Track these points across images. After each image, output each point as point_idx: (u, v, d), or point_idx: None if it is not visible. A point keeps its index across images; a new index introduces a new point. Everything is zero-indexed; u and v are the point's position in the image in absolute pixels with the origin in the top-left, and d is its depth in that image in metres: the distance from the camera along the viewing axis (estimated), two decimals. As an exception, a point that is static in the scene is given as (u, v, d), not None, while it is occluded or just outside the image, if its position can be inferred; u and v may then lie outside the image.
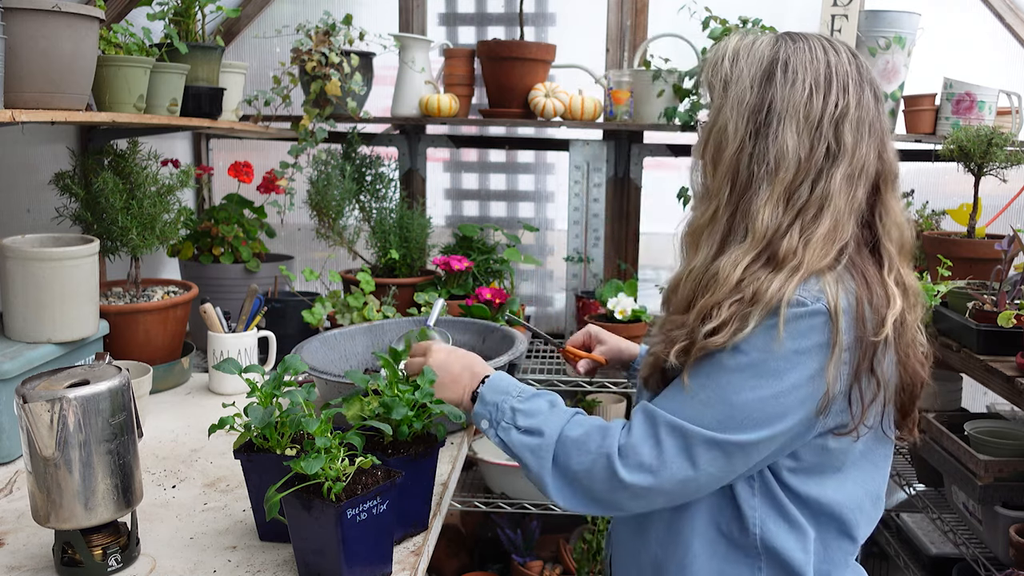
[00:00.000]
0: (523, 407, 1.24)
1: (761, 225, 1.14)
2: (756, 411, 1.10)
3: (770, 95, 1.15)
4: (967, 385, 2.47)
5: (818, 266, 1.12)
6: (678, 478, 1.13)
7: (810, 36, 1.19)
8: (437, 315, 1.85)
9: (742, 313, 1.11)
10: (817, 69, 1.15)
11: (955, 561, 2.22)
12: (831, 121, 1.15)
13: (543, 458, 1.19)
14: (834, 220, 1.14)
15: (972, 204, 2.28)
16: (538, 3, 2.87)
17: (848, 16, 2.50)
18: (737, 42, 1.21)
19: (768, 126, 1.15)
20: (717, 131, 1.20)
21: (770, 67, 1.16)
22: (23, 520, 1.29)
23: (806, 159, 1.14)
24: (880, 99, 1.20)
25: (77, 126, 2.14)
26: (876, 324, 1.11)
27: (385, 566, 1.16)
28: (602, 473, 1.15)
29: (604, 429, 1.18)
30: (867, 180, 1.19)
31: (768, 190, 1.14)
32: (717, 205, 1.19)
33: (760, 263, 1.14)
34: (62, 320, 1.62)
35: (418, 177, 2.89)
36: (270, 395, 1.23)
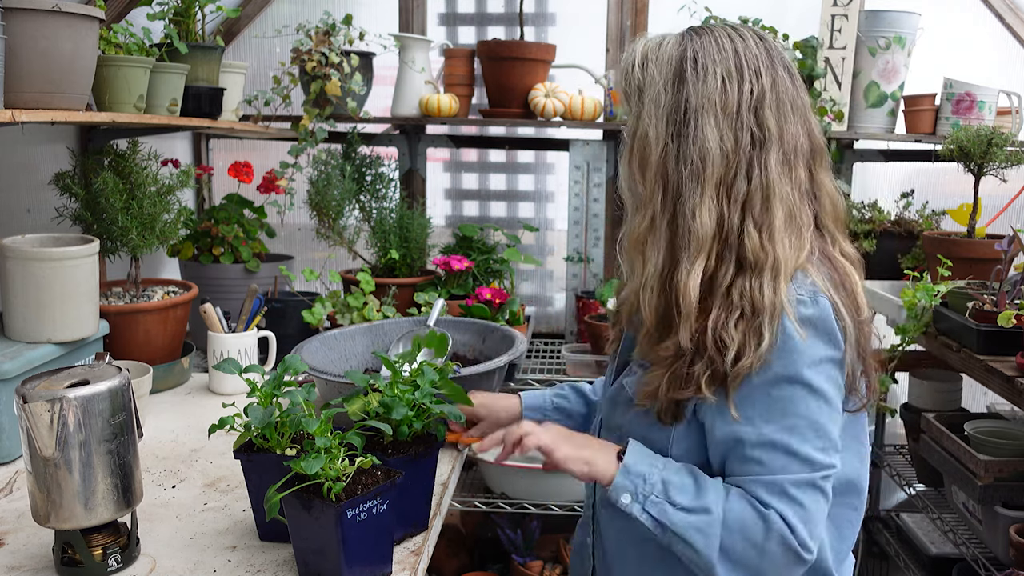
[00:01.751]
0: (679, 481, 1.14)
1: (700, 227, 1.13)
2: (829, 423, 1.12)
3: (684, 94, 1.15)
4: (967, 385, 2.47)
5: (798, 261, 1.13)
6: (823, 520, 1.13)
7: (715, 28, 1.18)
8: (437, 315, 1.85)
9: (753, 328, 1.10)
10: (726, 59, 1.15)
11: (955, 561, 2.22)
12: (749, 108, 1.14)
13: (713, 537, 1.10)
14: (786, 208, 1.13)
15: (972, 204, 2.28)
16: (538, 3, 2.87)
17: (848, 16, 2.50)
18: (644, 46, 1.20)
19: (687, 125, 1.14)
20: (640, 139, 1.19)
21: (680, 66, 1.16)
22: (23, 520, 1.29)
23: (733, 151, 1.13)
24: (795, 76, 1.19)
25: (77, 126, 2.14)
26: (854, 303, 1.15)
27: (385, 566, 1.16)
28: (777, 554, 1.09)
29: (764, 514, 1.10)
30: (803, 159, 1.17)
31: (698, 190, 1.13)
32: (653, 212, 1.17)
33: (731, 268, 1.13)
34: (62, 320, 1.62)
35: (418, 177, 2.89)
36: (270, 395, 1.23)
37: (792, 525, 1.08)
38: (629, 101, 1.22)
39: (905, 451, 2.58)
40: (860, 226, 2.59)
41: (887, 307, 2.29)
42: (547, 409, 1.51)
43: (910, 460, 2.50)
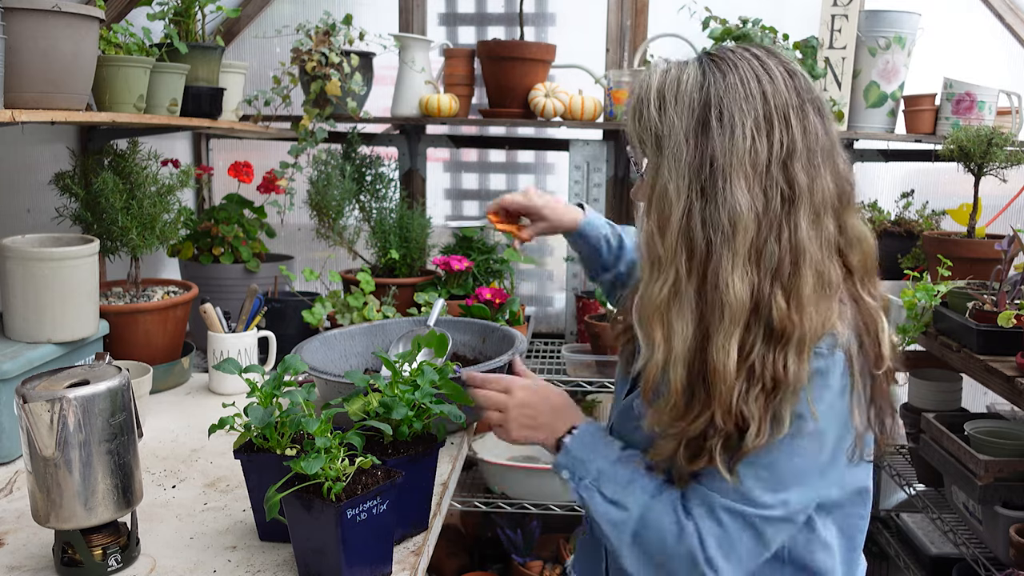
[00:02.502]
0: (613, 473, 1.16)
1: (736, 298, 1.02)
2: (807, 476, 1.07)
3: (709, 147, 1.04)
4: (967, 385, 2.47)
5: (825, 329, 1.04)
6: (756, 559, 1.10)
7: (739, 61, 1.07)
8: (437, 315, 1.85)
9: (772, 405, 1.03)
10: (755, 108, 1.04)
11: (955, 561, 2.22)
12: (779, 163, 1.04)
13: (623, 531, 1.13)
14: (815, 272, 1.03)
15: (972, 204, 2.28)
16: (538, 3, 2.87)
17: (848, 16, 2.50)
18: (660, 82, 1.09)
19: (715, 184, 1.03)
20: (659, 194, 1.07)
21: (703, 114, 1.05)
22: (23, 520, 1.29)
23: (763, 212, 1.03)
24: (825, 114, 1.09)
25: (77, 126, 2.14)
26: (876, 352, 1.08)
27: (385, 566, 1.16)
28: (682, 562, 1.09)
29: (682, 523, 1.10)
30: (832, 209, 1.08)
31: (730, 256, 1.03)
32: (676, 276, 1.06)
33: (759, 338, 1.04)
34: (62, 320, 1.62)
35: (418, 177, 2.89)
36: (270, 395, 1.23)
37: (704, 541, 1.07)
38: (643, 145, 1.11)
39: (905, 451, 2.58)
40: (860, 226, 2.59)
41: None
42: (591, 242, 1.59)
43: (910, 460, 2.50)
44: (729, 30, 2.46)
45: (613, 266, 1.61)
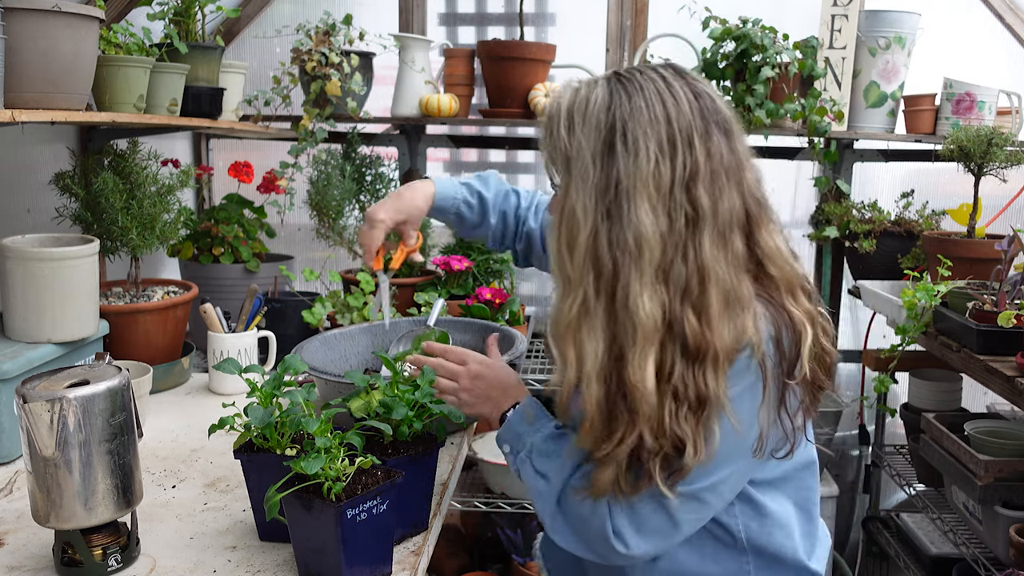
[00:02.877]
0: (543, 447, 1.21)
1: (646, 316, 1.03)
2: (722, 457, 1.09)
3: (615, 169, 1.05)
4: (967, 385, 2.48)
5: (740, 345, 1.05)
6: (664, 536, 1.13)
7: (645, 83, 1.08)
8: (437, 315, 1.85)
9: (703, 421, 1.05)
10: (659, 131, 1.05)
11: (955, 561, 2.22)
12: (682, 186, 1.05)
13: (547, 500, 1.18)
14: (722, 291, 1.05)
15: (972, 204, 2.28)
16: (538, 3, 2.87)
17: (848, 16, 2.51)
18: (570, 102, 1.10)
19: (619, 205, 1.05)
20: (567, 214, 1.09)
21: (609, 136, 1.06)
22: (23, 520, 1.29)
23: (668, 234, 1.04)
24: (731, 133, 1.10)
25: (77, 126, 2.14)
26: (794, 357, 1.09)
27: (385, 566, 1.16)
28: (595, 531, 1.13)
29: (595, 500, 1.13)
30: (739, 229, 1.09)
31: (638, 275, 1.04)
32: (585, 296, 1.07)
33: (678, 357, 1.05)
34: (62, 320, 1.62)
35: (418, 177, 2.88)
36: (270, 395, 1.23)
37: (613, 515, 1.11)
38: (554, 165, 1.12)
39: (905, 451, 2.58)
40: (860, 226, 2.59)
41: (887, 307, 2.30)
42: (451, 212, 1.58)
43: (910, 460, 2.50)
44: (729, 30, 2.46)
45: (481, 224, 1.61)
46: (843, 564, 2.77)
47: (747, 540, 1.19)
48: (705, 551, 1.20)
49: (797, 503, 1.23)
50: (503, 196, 1.61)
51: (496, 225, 1.61)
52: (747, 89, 2.45)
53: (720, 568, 1.20)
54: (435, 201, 1.55)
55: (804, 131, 2.52)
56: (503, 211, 1.61)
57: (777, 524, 1.20)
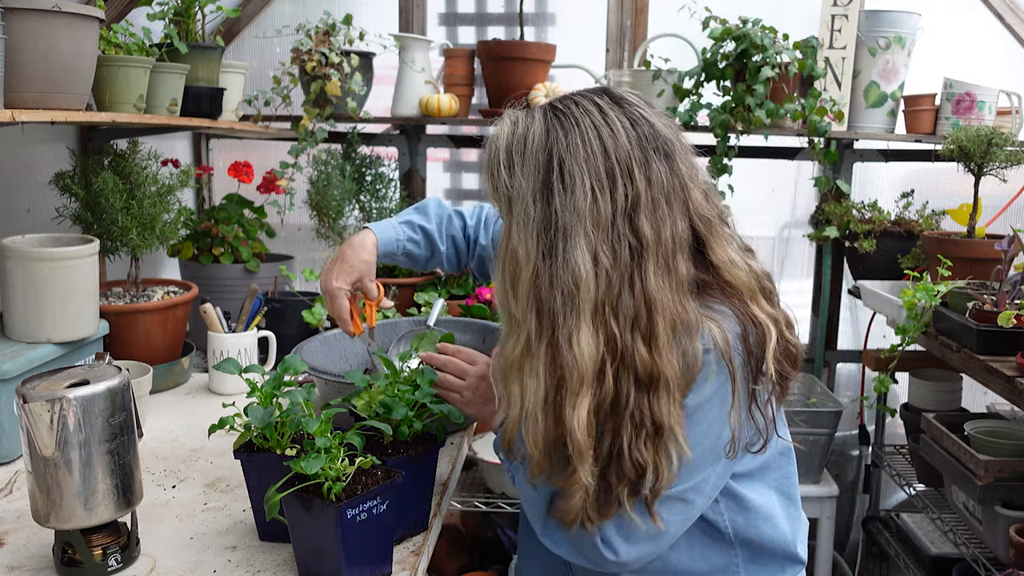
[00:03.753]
0: None
1: (580, 357, 1.03)
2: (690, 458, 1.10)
3: (552, 208, 1.05)
4: (967, 385, 2.47)
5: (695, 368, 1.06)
6: (653, 541, 1.13)
7: (581, 117, 1.07)
8: (437, 315, 1.85)
9: (661, 447, 1.06)
10: (596, 166, 1.05)
11: (955, 561, 2.22)
12: (624, 217, 1.05)
13: (537, 509, 1.18)
14: (669, 319, 1.05)
15: (972, 204, 2.28)
16: (538, 3, 2.87)
17: (848, 16, 2.50)
18: (508, 139, 1.11)
19: (559, 245, 1.04)
20: (510, 256, 1.09)
21: (547, 176, 1.06)
22: (23, 520, 1.29)
23: (612, 267, 1.04)
24: (672, 154, 1.09)
25: (77, 126, 2.14)
26: (760, 357, 1.10)
27: (385, 566, 1.16)
28: (586, 540, 1.13)
29: None
30: (686, 251, 1.09)
31: (574, 316, 1.03)
32: (527, 336, 1.07)
33: (631, 387, 1.05)
34: (62, 320, 1.62)
35: (418, 177, 2.89)
36: (270, 395, 1.23)
37: (601, 524, 1.11)
38: (498, 206, 1.13)
39: (905, 451, 2.58)
40: (860, 226, 2.59)
41: (887, 307, 2.30)
42: (398, 254, 1.58)
43: (910, 460, 2.50)
44: (729, 30, 2.46)
45: (432, 254, 1.62)
46: (843, 564, 2.77)
47: (734, 534, 1.21)
48: (694, 548, 1.21)
49: (779, 490, 1.25)
50: (447, 221, 1.62)
51: (447, 250, 1.62)
52: (747, 89, 2.45)
53: (709, 564, 1.22)
54: (379, 249, 1.55)
55: (804, 131, 2.52)
56: (451, 235, 1.62)
57: (762, 516, 1.21)
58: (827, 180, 2.69)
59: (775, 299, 1.17)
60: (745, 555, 1.22)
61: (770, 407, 1.15)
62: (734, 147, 2.52)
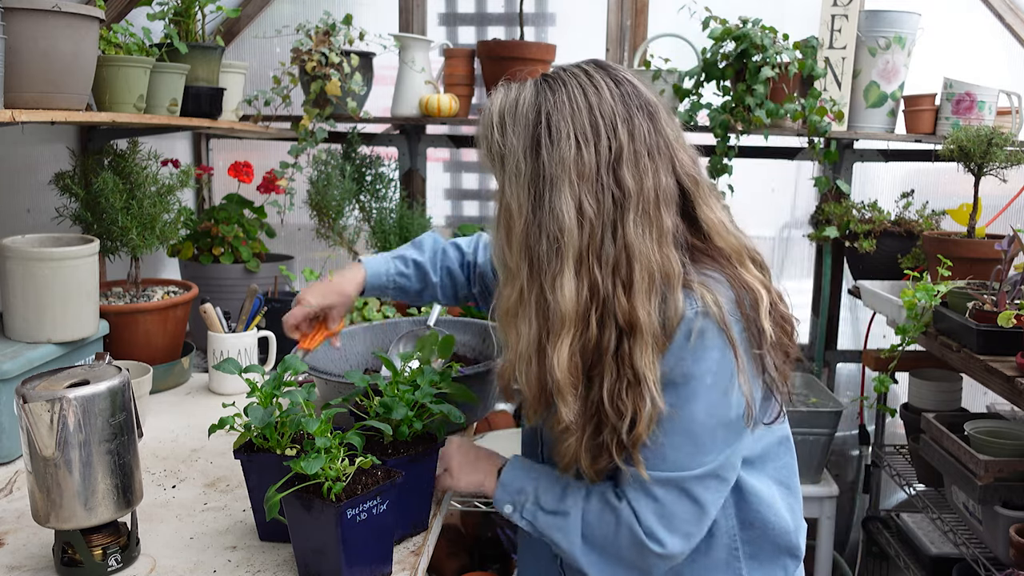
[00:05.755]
0: (550, 486, 1.22)
1: (563, 301, 1.09)
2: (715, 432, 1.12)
3: (541, 161, 1.11)
4: (967, 385, 2.47)
5: (677, 317, 1.09)
6: (695, 524, 1.15)
7: (569, 79, 1.14)
8: (437, 315, 1.85)
9: (640, 394, 1.09)
10: (581, 119, 1.10)
11: (955, 561, 2.22)
12: (608, 168, 1.10)
13: (572, 535, 1.18)
14: (646, 268, 1.09)
15: (972, 204, 2.28)
16: (538, 3, 2.87)
17: (848, 16, 2.50)
18: (501, 105, 1.17)
19: (546, 195, 1.10)
20: (504, 210, 1.15)
21: (536, 131, 1.12)
22: (23, 520, 1.29)
23: (596, 215, 1.09)
24: (656, 115, 1.14)
25: (77, 126, 2.14)
26: (758, 327, 1.12)
27: (385, 566, 1.16)
28: (627, 543, 1.15)
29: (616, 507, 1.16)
30: (671, 205, 1.13)
31: (558, 262, 1.10)
32: (521, 286, 1.14)
33: (613, 333, 1.10)
34: (62, 320, 1.62)
35: (418, 177, 2.89)
36: (270, 395, 1.23)
37: (640, 516, 1.13)
38: (492, 167, 1.19)
39: (905, 451, 2.58)
40: (860, 226, 2.59)
41: (887, 307, 2.30)
42: (389, 288, 1.59)
43: (910, 460, 2.50)
44: (729, 30, 2.46)
45: (425, 287, 1.62)
46: (843, 564, 2.77)
47: (737, 521, 1.22)
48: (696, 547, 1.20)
49: (778, 480, 1.26)
50: (441, 254, 1.62)
51: (443, 281, 1.61)
52: (747, 89, 2.45)
53: (711, 560, 1.22)
54: (367, 284, 1.56)
55: (804, 131, 2.52)
56: (446, 267, 1.61)
57: (764, 502, 1.22)
58: (827, 180, 2.69)
59: (766, 269, 1.21)
60: (747, 550, 1.23)
61: (779, 379, 1.16)
62: (734, 147, 2.52)
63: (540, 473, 1.25)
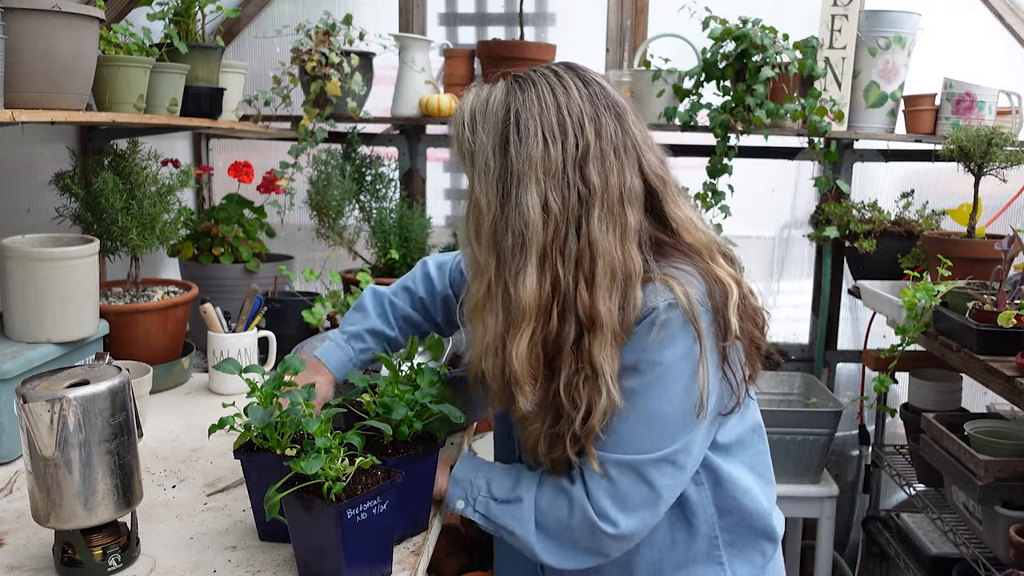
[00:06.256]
0: (500, 476, 1.25)
1: (523, 294, 1.11)
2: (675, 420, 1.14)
3: (508, 158, 1.13)
4: (967, 385, 2.48)
5: (636, 313, 1.11)
6: (649, 508, 1.16)
7: (539, 79, 1.16)
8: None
9: (596, 387, 1.11)
10: (549, 117, 1.13)
11: (955, 561, 2.22)
12: (574, 166, 1.12)
13: (525, 522, 1.20)
14: (608, 265, 1.11)
15: (972, 204, 2.28)
16: (538, 3, 2.87)
17: (848, 16, 2.51)
18: (472, 104, 1.19)
19: (513, 192, 1.13)
20: (473, 206, 1.18)
21: (505, 129, 1.14)
22: (23, 520, 1.29)
23: (560, 211, 1.11)
24: (623, 116, 1.17)
25: (77, 126, 2.14)
26: (725, 322, 1.14)
27: (385, 566, 1.16)
28: (580, 525, 1.17)
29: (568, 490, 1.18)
30: (636, 203, 1.15)
31: (522, 256, 1.12)
32: (488, 280, 1.16)
33: (572, 328, 1.12)
34: (62, 320, 1.62)
35: (418, 177, 2.89)
36: (270, 395, 1.23)
37: (592, 496, 1.15)
38: (463, 165, 1.21)
39: (905, 451, 2.58)
40: (860, 226, 2.59)
41: (887, 307, 2.30)
42: (359, 368, 1.50)
43: (910, 460, 2.50)
44: (729, 30, 2.46)
45: (390, 343, 1.53)
46: (843, 564, 2.77)
47: (715, 508, 1.24)
48: (677, 533, 1.24)
49: (752, 468, 1.28)
50: (389, 307, 1.53)
51: (404, 328, 1.54)
52: (747, 89, 2.45)
53: (694, 546, 1.24)
54: (337, 378, 1.47)
55: (804, 131, 2.52)
56: (399, 316, 1.53)
57: (740, 488, 1.24)
58: (827, 180, 2.69)
59: (736, 264, 1.23)
60: (726, 537, 1.24)
61: (741, 368, 1.18)
62: (734, 147, 2.52)
63: (492, 467, 1.28)
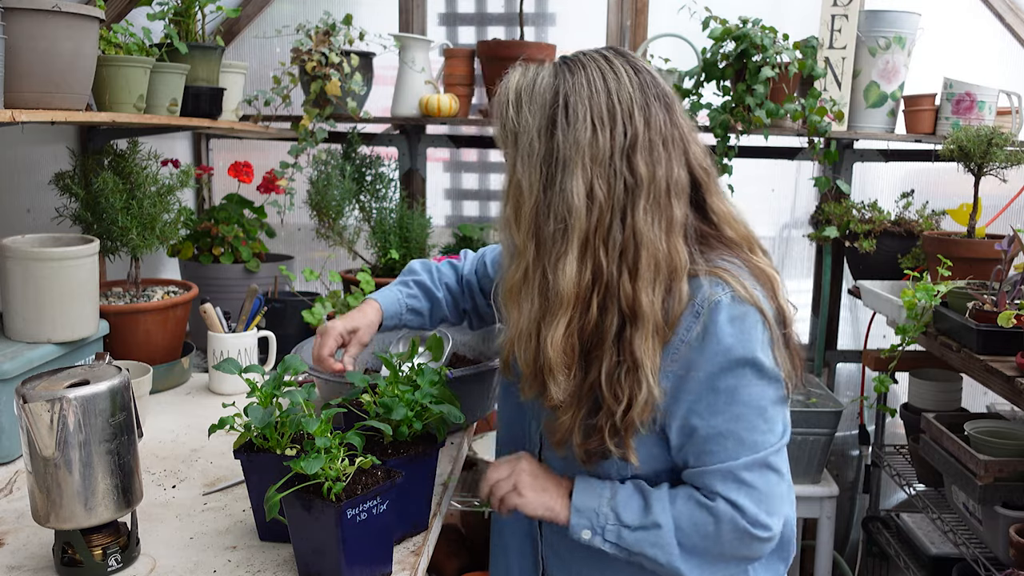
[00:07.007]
0: (629, 501, 1.17)
1: (563, 282, 1.10)
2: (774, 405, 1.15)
3: (555, 141, 1.11)
4: (967, 385, 2.47)
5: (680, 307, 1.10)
6: (783, 492, 1.17)
7: (588, 63, 1.13)
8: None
9: (637, 380, 1.10)
10: (599, 103, 1.10)
11: (955, 561, 2.22)
12: (622, 154, 1.10)
13: (669, 547, 1.15)
14: (652, 257, 1.10)
15: (972, 204, 2.28)
16: (538, 3, 2.87)
17: (848, 16, 2.50)
18: (518, 83, 1.16)
19: (556, 175, 1.11)
20: (514, 188, 1.15)
21: (552, 112, 1.12)
22: (23, 520, 1.29)
23: (606, 199, 1.09)
24: (672, 106, 1.15)
25: (77, 126, 2.14)
26: (780, 306, 1.15)
27: (385, 566, 1.16)
28: (731, 536, 1.14)
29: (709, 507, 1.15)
30: (682, 195, 1.14)
31: (564, 243, 1.10)
32: (526, 264, 1.14)
33: (615, 319, 1.11)
34: (62, 320, 1.62)
35: (418, 177, 2.89)
36: (270, 395, 1.23)
37: (741, 507, 1.13)
38: (505, 144, 1.18)
39: (905, 451, 2.58)
40: (860, 226, 2.59)
41: (887, 307, 2.29)
42: (403, 313, 1.56)
43: (910, 460, 2.50)
44: (729, 30, 2.46)
45: (432, 305, 1.60)
46: (843, 564, 2.77)
47: None
48: None
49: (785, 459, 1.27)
50: (436, 271, 1.62)
51: (445, 296, 1.60)
52: (747, 89, 2.45)
53: None
54: (384, 313, 1.53)
55: (804, 131, 2.52)
56: (444, 283, 1.61)
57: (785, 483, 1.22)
58: (827, 180, 2.69)
59: (769, 257, 1.23)
60: None
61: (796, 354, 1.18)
62: (734, 147, 2.52)
63: (613, 489, 1.19)
